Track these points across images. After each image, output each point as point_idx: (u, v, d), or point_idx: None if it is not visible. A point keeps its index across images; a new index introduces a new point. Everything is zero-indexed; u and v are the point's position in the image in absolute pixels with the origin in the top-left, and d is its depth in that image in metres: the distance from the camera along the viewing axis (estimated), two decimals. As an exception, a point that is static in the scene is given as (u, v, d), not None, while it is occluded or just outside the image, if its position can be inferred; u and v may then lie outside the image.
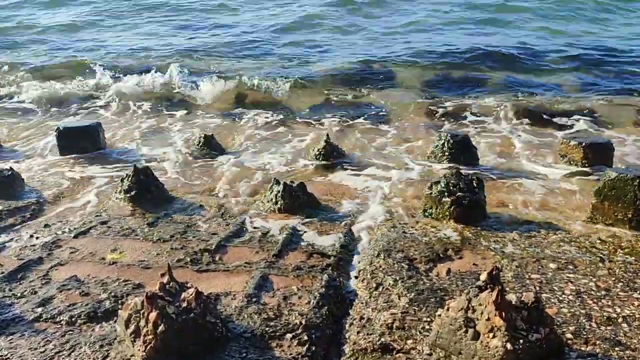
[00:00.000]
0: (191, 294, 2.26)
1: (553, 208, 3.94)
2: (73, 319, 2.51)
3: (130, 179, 4.06)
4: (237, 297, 2.69)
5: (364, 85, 8.02)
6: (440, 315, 2.26)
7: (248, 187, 4.50)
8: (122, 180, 4.12)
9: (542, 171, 4.77)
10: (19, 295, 2.75)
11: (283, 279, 2.88)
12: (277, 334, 2.37)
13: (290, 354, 2.24)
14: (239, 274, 2.95)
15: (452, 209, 3.57)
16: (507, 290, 2.28)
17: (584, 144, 4.71)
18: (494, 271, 2.18)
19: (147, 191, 4.03)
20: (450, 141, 4.93)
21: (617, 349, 2.22)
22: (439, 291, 2.70)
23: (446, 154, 4.94)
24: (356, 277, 2.98)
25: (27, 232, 3.56)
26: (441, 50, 9.80)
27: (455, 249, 3.17)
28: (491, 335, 2.05)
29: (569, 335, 2.31)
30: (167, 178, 4.68)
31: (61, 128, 5.44)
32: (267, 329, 2.40)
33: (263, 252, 3.21)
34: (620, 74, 8.24)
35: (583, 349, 2.23)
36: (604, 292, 2.66)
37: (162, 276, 2.33)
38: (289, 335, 2.35)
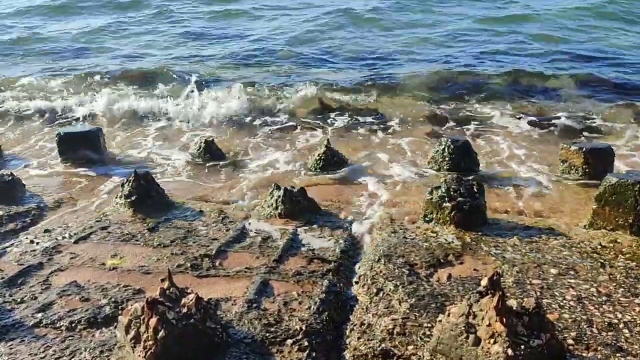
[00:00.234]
0: (191, 300, 2.25)
1: (554, 213, 3.94)
2: (73, 325, 2.51)
3: (130, 184, 4.05)
4: (237, 302, 2.68)
5: (366, 92, 8.03)
6: (441, 321, 2.25)
7: (249, 192, 4.50)
8: (122, 185, 4.12)
9: (542, 176, 4.77)
10: (19, 300, 2.75)
11: (283, 285, 2.87)
12: (278, 339, 2.36)
13: (291, 359, 2.24)
14: (239, 279, 2.95)
15: (452, 214, 3.56)
16: (508, 296, 2.28)
17: (584, 149, 4.71)
18: (495, 277, 2.18)
19: (147, 196, 4.02)
20: (451, 146, 4.92)
21: (618, 354, 2.21)
22: (439, 297, 2.70)
23: (447, 159, 4.93)
24: (357, 283, 2.97)
25: (28, 238, 3.56)
26: (442, 57, 9.83)
27: (456, 254, 3.16)
28: (492, 341, 2.05)
29: (570, 341, 2.30)
30: (167, 183, 4.68)
31: (62, 133, 5.45)
32: (267, 334, 2.39)
33: (263, 257, 3.21)
34: (621, 80, 8.27)
35: (584, 354, 2.22)
36: (605, 298, 2.66)
37: (163, 282, 2.33)
38: (289, 341, 2.35)
